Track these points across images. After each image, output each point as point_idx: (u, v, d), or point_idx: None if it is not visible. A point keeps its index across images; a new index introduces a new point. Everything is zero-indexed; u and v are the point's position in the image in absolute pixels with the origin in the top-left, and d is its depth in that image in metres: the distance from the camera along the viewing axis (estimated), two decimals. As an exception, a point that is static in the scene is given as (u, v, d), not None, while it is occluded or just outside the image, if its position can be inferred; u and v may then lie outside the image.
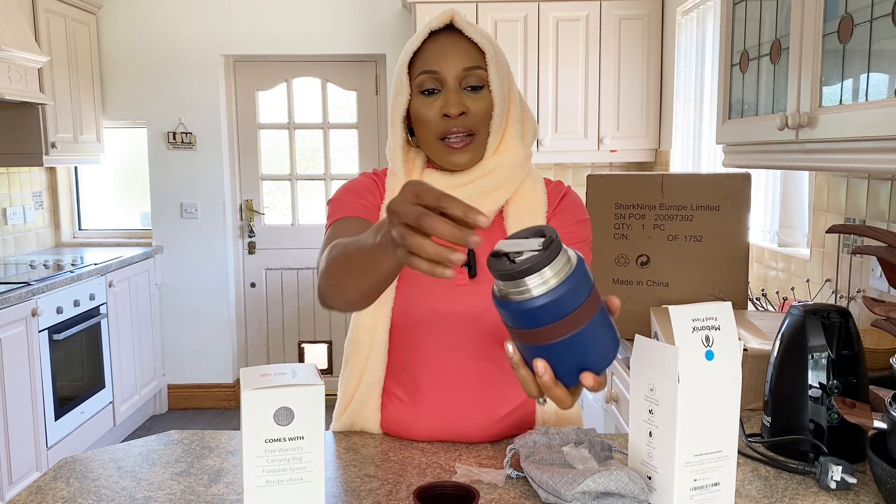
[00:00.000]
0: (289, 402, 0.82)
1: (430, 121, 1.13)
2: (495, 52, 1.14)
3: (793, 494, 1.00)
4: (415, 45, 1.14)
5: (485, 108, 1.13)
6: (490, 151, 1.16)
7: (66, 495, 1.01)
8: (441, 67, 1.11)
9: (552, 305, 0.71)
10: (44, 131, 3.52)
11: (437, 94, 1.13)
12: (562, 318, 0.72)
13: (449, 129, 1.12)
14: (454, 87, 1.12)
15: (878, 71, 1.19)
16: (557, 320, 0.72)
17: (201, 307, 4.34)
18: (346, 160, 4.47)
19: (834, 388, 1.09)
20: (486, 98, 1.13)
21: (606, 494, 0.90)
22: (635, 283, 1.97)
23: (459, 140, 1.13)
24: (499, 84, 1.13)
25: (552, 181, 1.25)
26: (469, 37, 1.13)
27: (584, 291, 0.73)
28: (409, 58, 1.14)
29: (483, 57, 1.13)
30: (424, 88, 1.13)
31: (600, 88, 3.63)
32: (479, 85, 1.13)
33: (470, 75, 1.12)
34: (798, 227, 2.31)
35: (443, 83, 1.12)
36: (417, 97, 1.14)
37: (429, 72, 1.12)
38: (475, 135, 1.14)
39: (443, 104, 1.12)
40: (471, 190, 1.15)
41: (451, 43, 1.13)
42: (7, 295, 2.80)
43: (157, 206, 4.27)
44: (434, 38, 1.14)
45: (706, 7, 3.00)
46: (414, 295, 1.17)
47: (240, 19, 4.14)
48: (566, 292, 0.71)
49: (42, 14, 3.51)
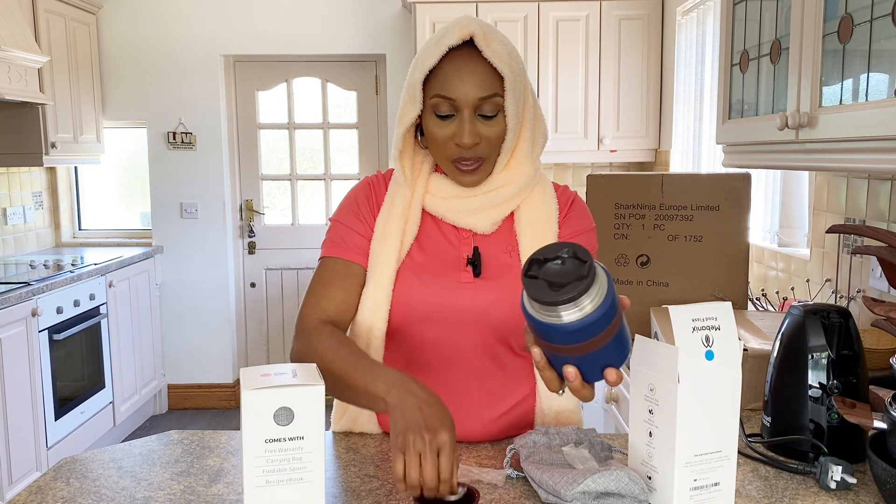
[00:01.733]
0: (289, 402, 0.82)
1: (442, 142, 1.12)
2: (514, 77, 1.09)
3: (793, 494, 1.00)
4: (432, 62, 1.09)
5: (498, 134, 1.12)
6: (499, 168, 1.16)
7: (66, 495, 1.01)
8: (457, 95, 1.08)
9: (588, 328, 0.76)
10: (44, 131, 3.52)
11: (451, 119, 1.11)
12: (594, 337, 0.77)
13: (461, 154, 1.12)
14: (469, 117, 1.10)
15: (878, 71, 1.19)
16: (590, 339, 0.77)
17: (201, 307, 4.34)
18: (346, 160, 4.47)
19: (834, 388, 1.09)
20: (499, 123, 1.12)
21: (606, 494, 0.90)
22: (635, 283, 1.97)
23: (469, 165, 1.13)
24: (514, 110, 1.11)
25: (559, 185, 1.26)
26: (488, 59, 1.08)
27: (613, 309, 0.77)
28: (425, 75, 1.10)
29: (501, 82, 1.09)
30: (439, 112, 1.11)
31: (600, 88, 3.62)
32: (493, 114, 1.11)
33: (486, 104, 1.09)
34: (798, 227, 2.31)
35: (457, 109, 1.10)
36: (430, 115, 1.12)
37: (444, 97, 1.09)
38: (486, 159, 1.14)
39: (456, 132, 1.10)
40: (478, 202, 1.16)
41: (468, 67, 1.08)
42: (7, 295, 2.80)
43: (157, 206, 4.27)
44: (451, 56, 1.09)
45: (706, 7, 3.00)
46: (416, 292, 1.17)
47: (240, 19, 4.14)
48: (601, 316, 0.75)
49: (42, 14, 3.51)
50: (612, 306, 0.77)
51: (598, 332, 0.76)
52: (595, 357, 0.79)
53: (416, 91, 1.11)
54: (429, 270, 1.18)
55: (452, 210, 1.18)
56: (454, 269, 1.18)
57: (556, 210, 1.21)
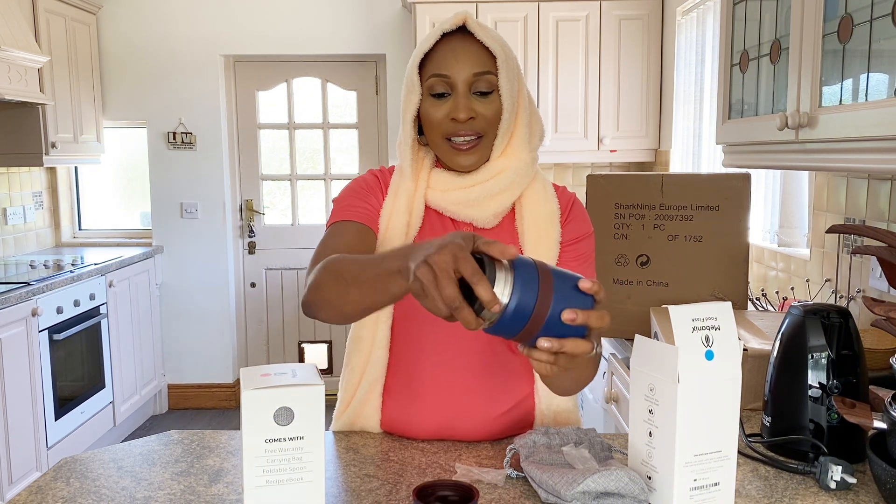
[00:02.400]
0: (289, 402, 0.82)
1: (438, 122, 1.14)
2: (506, 57, 1.13)
3: (793, 494, 1.00)
4: (426, 46, 1.14)
5: (493, 113, 1.14)
6: (496, 154, 1.17)
7: (66, 495, 1.01)
8: (451, 72, 1.12)
9: (516, 314, 0.78)
10: (44, 131, 3.52)
11: (446, 98, 1.14)
12: (531, 316, 0.78)
13: (456, 130, 1.13)
14: (464, 92, 1.12)
15: (877, 71, 1.19)
16: (529, 320, 0.78)
17: (201, 307, 4.34)
18: (346, 160, 4.47)
19: (834, 388, 1.09)
20: (495, 102, 1.14)
21: (606, 494, 0.90)
22: (635, 283, 1.97)
23: (466, 143, 1.14)
24: (508, 89, 1.13)
25: (558, 186, 1.27)
26: (480, 40, 1.13)
27: (534, 284, 0.78)
28: (420, 59, 1.15)
29: (494, 61, 1.13)
30: (434, 91, 1.14)
31: (600, 88, 3.63)
32: (488, 90, 1.13)
33: (480, 80, 1.12)
34: (798, 227, 2.31)
35: (453, 87, 1.13)
36: (427, 98, 1.15)
37: (439, 75, 1.13)
38: (482, 137, 1.15)
39: (452, 108, 1.13)
40: (477, 192, 1.17)
41: (462, 46, 1.13)
42: (7, 295, 2.80)
43: (157, 206, 4.27)
44: (446, 40, 1.14)
45: (706, 7, 3.00)
46: None
47: (240, 19, 4.14)
48: (520, 298, 0.78)
49: (42, 14, 3.51)
50: (532, 282, 0.78)
51: (530, 311, 0.78)
52: (554, 325, 0.79)
53: (413, 77, 1.14)
54: None
55: (453, 202, 1.18)
56: None
57: (558, 211, 1.22)
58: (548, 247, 1.19)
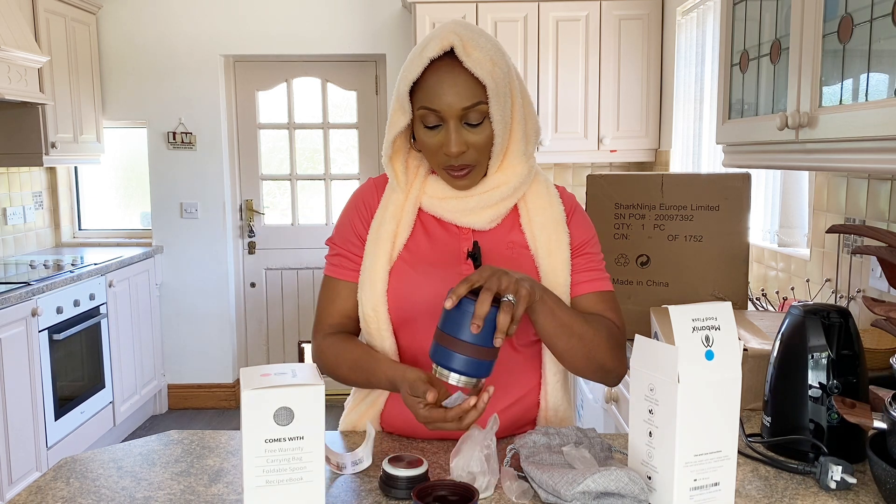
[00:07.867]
0: (289, 402, 0.82)
1: (433, 151, 1.15)
2: (496, 85, 1.10)
3: (793, 494, 1.00)
4: (414, 74, 1.10)
5: (485, 140, 1.14)
6: (493, 170, 1.18)
7: (66, 495, 1.01)
8: (441, 107, 1.10)
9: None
10: (44, 131, 3.52)
11: (438, 129, 1.13)
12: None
13: (449, 162, 1.14)
14: (455, 127, 1.11)
15: (878, 71, 1.19)
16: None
17: (201, 307, 4.34)
18: (346, 160, 4.47)
19: (834, 388, 1.09)
20: (486, 129, 1.13)
21: (606, 494, 0.90)
22: (635, 283, 1.97)
23: (460, 172, 1.15)
24: (500, 116, 1.11)
25: (558, 187, 1.28)
26: (469, 69, 1.09)
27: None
28: (410, 86, 1.12)
29: (484, 90, 1.10)
30: (427, 123, 1.13)
31: (600, 88, 3.62)
32: (479, 121, 1.12)
33: (470, 112, 1.11)
34: (798, 227, 2.31)
35: (443, 120, 1.12)
36: (419, 124, 1.14)
37: (429, 109, 1.11)
38: (475, 166, 1.15)
39: (443, 141, 1.12)
40: (474, 202, 1.18)
41: (450, 78, 1.09)
42: (7, 295, 2.79)
43: (157, 206, 4.27)
44: (435, 67, 1.10)
45: (706, 7, 3.00)
46: (415, 285, 1.18)
47: (240, 19, 4.14)
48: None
49: (42, 14, 3.51)
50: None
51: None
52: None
53: (404, 102, 1.13)
54: (428, 262, 1.20)
55: (450, 210, 1.20)
56: (455, 262, 1.20)
57: (563, 213, 1.23)
58: (560, 249, 1.20)
